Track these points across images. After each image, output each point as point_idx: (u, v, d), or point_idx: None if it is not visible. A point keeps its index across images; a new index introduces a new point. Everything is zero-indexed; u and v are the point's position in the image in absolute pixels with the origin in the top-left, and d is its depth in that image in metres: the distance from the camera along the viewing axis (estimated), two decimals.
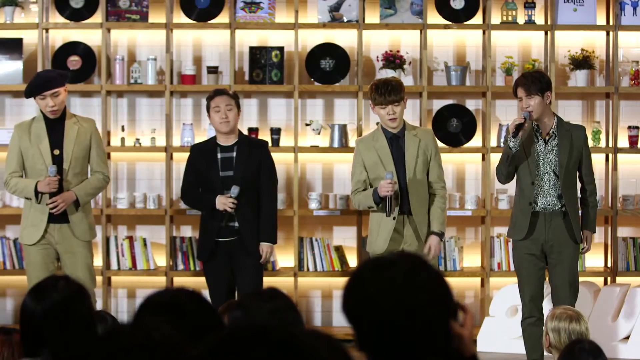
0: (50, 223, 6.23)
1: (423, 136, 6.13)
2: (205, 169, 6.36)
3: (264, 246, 6.35)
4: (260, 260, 6.38)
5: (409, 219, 6.04)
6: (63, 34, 7.88)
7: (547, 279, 6.23)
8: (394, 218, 6.00)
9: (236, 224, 6.30)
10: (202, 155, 6.41)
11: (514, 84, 6.18)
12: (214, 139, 6.47)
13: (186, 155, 7.71)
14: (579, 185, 6.20)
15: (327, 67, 7.82)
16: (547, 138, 6.08)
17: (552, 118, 6.12)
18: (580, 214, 6.16)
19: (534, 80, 6.04)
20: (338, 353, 1.71)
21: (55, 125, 6.28)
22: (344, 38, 7.89)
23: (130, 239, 7.70)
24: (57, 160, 6.24)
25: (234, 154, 6.35)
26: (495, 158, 7.69)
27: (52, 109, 6.20)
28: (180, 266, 7.70)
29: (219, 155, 6.36)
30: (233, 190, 6.23)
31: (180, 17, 7.79)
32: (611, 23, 7.83)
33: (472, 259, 7.90)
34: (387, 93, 5.94)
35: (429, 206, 6.09)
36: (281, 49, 7.81)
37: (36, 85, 6.21)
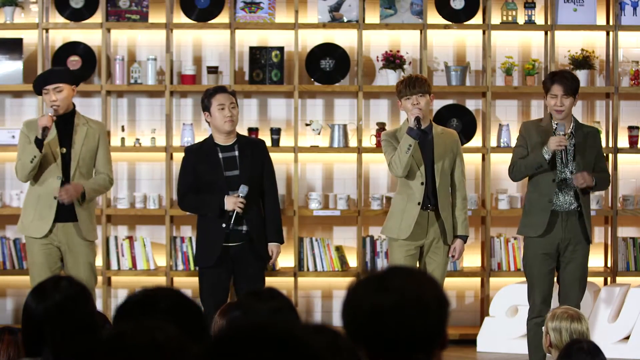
0: (56, 222, 6.15)
1: (450, 136, 6.27)
2: (207, 171, 6.12)
3: (273, 247, 6.22)
4: (270, 262, 6.32)
5: (435, 215, 6.14)
6: (63, 34, 7.88)
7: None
8: (418, 204, 6.07)
9: (244, 228, 6.10)
10: (201, 156, 6.16)
11: (549, 79, 6.16)
12: (210, 139, 6.22)
13: None
14: None
15: (327, 67, 7.82)
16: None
17: (571, 120, 6.17)
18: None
19: (574, 82, 6.09)
20: (341, 348, 1.72)
21: (64, 125, 6.21)
22: (344, 38, 7.88)
23: (131, 239, 7.70)
24: (65, 159, 6.18)
25: (236, 153, 6.15)
26: (495, 158, 7.70)
27: (54, 103, 6.12)
28: (180, 266, 7.69)
29: (220, 156, 6.14)
30: (242, 190, 6.01)
31: (180, 17, 7.79)
32: (611, 23, 7.83)
33: (472, 259, 7.89)
34: (412, 85, 6.10)
35: (453, 207, 6.20)
36: (281, 49, 7.81)
37: (38, 80, 6.20)
